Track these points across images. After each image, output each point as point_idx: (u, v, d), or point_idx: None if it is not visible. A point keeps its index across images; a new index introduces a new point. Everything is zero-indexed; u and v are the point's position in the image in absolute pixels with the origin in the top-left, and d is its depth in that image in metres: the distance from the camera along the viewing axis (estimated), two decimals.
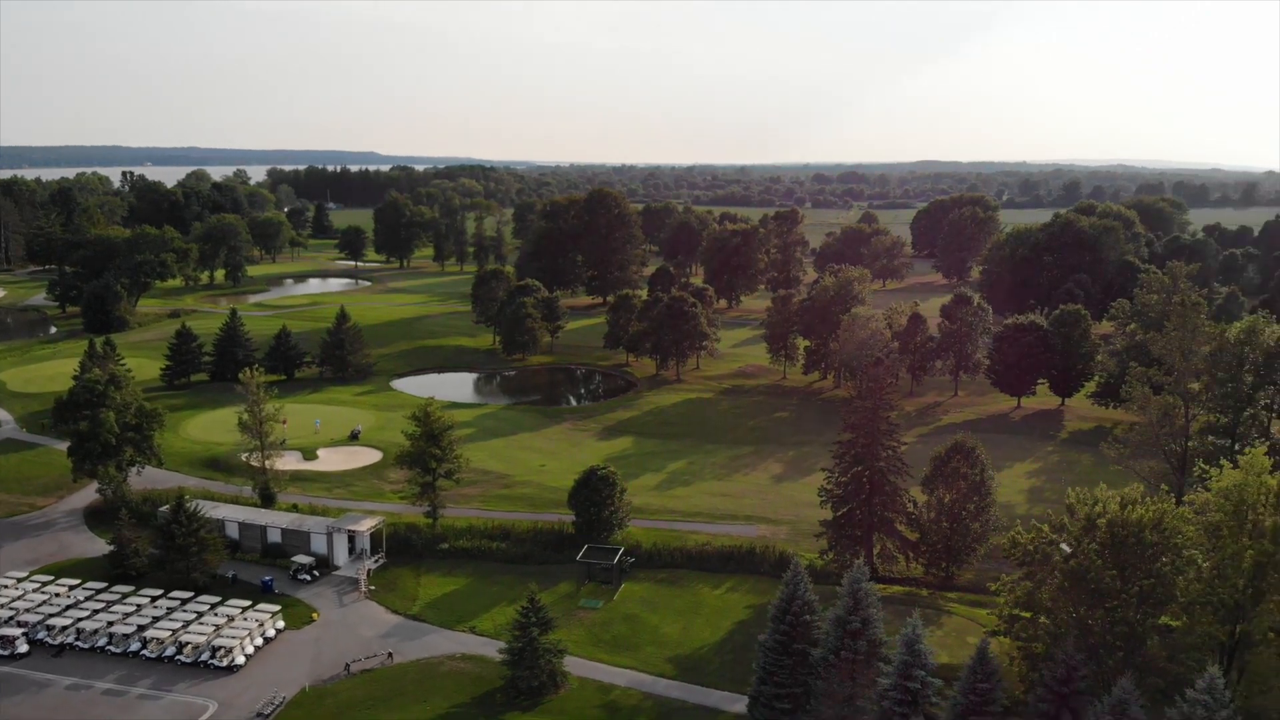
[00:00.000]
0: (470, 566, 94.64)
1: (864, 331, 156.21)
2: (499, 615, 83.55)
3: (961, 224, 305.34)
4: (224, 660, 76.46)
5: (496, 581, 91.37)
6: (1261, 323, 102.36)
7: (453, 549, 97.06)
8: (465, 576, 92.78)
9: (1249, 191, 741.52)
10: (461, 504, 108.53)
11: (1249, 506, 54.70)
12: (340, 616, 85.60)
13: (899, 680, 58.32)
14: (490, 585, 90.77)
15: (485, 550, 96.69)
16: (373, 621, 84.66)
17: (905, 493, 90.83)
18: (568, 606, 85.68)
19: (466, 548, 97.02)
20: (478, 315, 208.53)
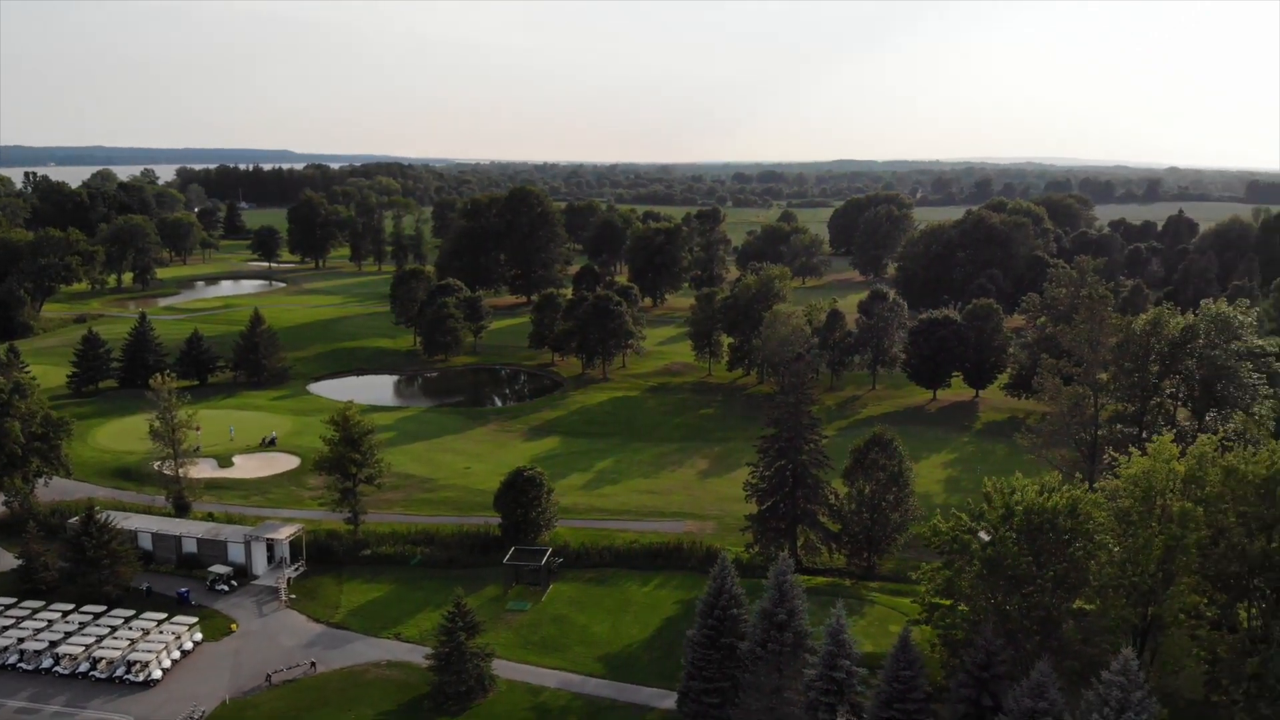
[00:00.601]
0: (394, 572, 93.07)
1: (785, 328, 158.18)
2: (424, 621, 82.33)
3: (877, 222, 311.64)
4: (140, 675, 73.94)
5: (421, 587, 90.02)
6: (1166, 314, 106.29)
7: (375, 555, 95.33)
8: (389, 583, 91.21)
9: (1152, 187, 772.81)
10: (384, 509, 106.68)
11: (1157, 493, 56.83)
12: (260, 627, 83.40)
13: (824, 670, 59.11)
14: (415, 591, 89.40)
15: (410, 555, 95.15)
16: (294, 631, 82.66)
17: (827, 485, 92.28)
18: (495, 609, 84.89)
19: (390, 553, 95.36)
20: (397, 316, 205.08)
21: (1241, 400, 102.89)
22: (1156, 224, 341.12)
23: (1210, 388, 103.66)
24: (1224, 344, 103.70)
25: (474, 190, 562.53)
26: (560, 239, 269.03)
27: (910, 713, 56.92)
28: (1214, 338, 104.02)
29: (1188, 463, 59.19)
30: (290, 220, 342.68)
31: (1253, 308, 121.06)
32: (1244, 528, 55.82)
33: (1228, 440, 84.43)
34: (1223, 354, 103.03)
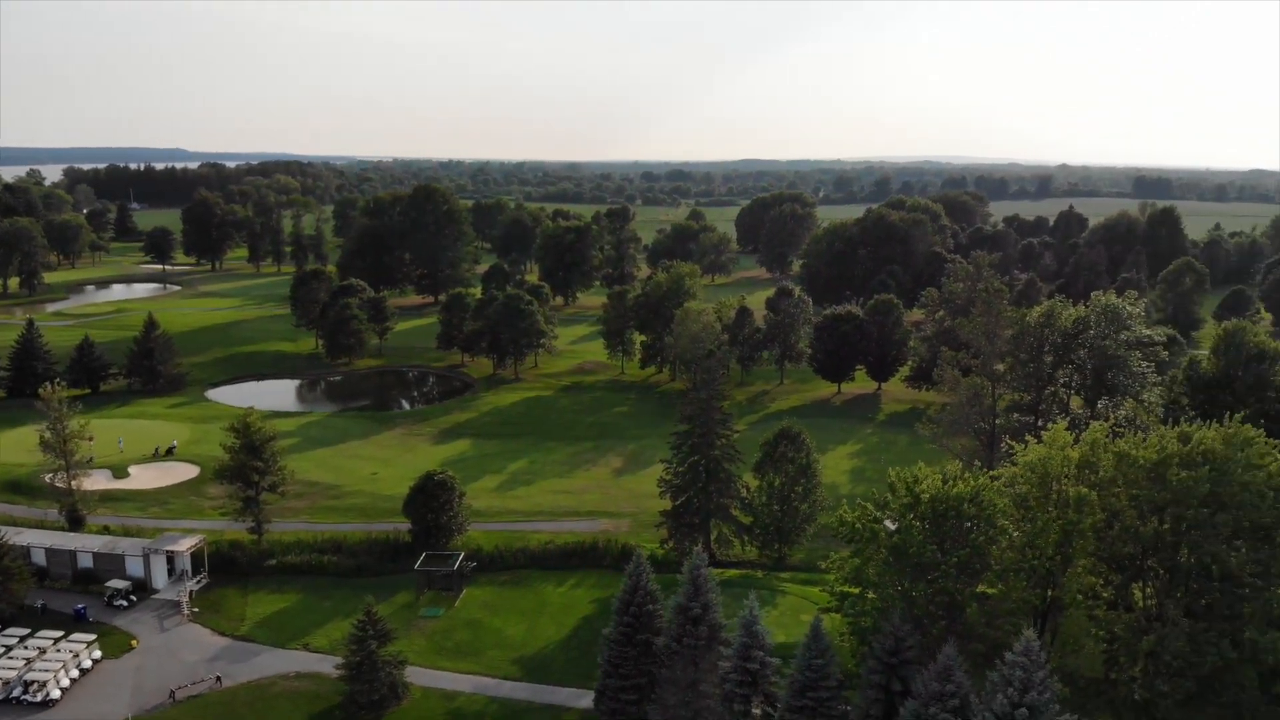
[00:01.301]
0: (301, 582, 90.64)
1: (697, 325, 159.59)
2: (334, 630, 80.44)
3: (782, 220, 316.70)
4: (38, 695, 70.53)
5: (330, 596, 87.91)
6: (1058, 307, 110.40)
7: (281, 565, 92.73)
8: (296, 592, 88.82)
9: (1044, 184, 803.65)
10: (288, 518, 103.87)
11: (1053, 478, 59.00)
12: (162, 642, 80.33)
13: (739, 662, 59.79)
14: (323, 600, 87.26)
15: (316, 564, 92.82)
16: (198, 645, 79.87)
17: (739, 479, 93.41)
18: (407, 616, 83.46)
19: (296, 563, 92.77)
20: (298, 318, 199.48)
21: (1131, 388, 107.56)
22: (1048, 219, 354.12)
23: (1101, 376, 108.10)
24: (1114, 334, 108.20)
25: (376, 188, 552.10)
26: (467, 237, 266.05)
27: (823, 700, 57.95)
28: (1104, 328, 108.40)
29: (1081, 449, 61.57)
30: (185, 221, 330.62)
31: (1141, 299, 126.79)
32: (1136, 510, 58.36)
33: (1119, 427, 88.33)
34: (1113, 344, 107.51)
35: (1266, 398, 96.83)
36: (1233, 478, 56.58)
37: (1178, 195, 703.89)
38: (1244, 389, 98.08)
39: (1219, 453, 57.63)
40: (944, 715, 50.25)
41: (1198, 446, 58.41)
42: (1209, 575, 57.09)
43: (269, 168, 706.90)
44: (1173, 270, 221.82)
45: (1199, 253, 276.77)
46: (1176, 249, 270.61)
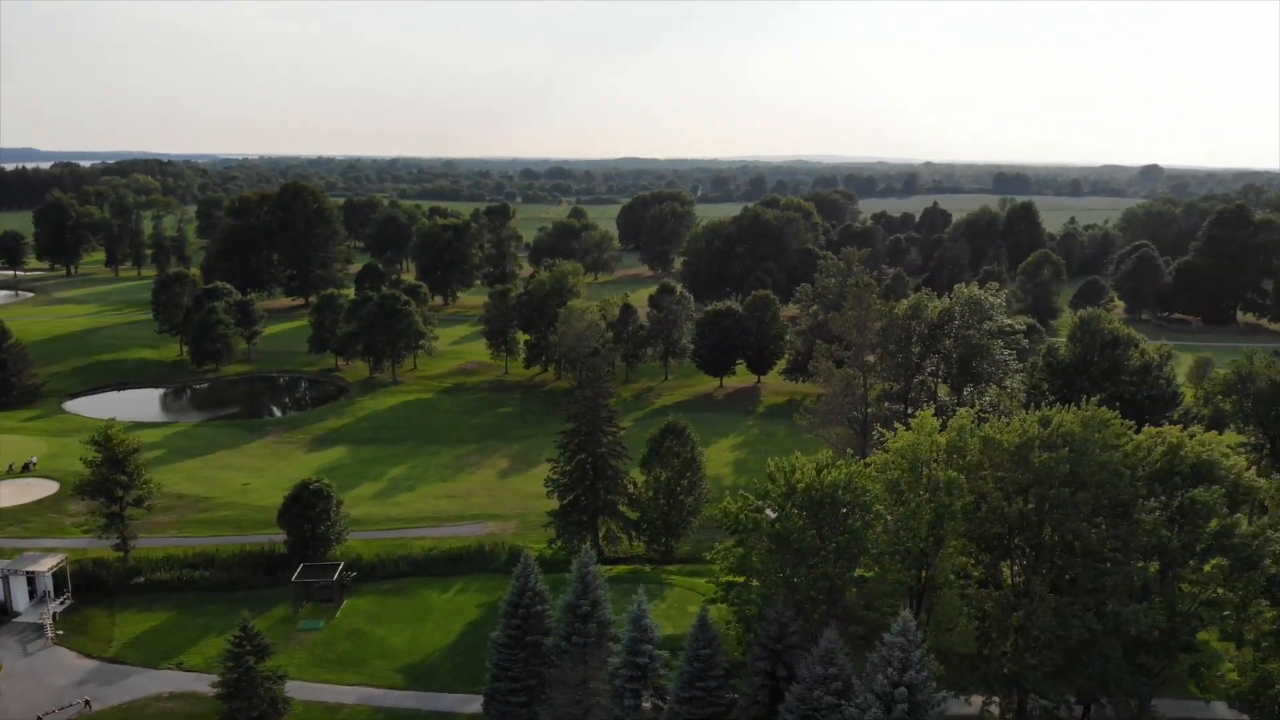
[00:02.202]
0: (172, 599, 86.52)
1: (581, 323, 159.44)
2: (209, 647, 77.08)
3: (662, 218, 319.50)
4: None
5: (203, 612, 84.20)
6: (925, 299, 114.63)
7: (150, 582, 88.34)
8: (167, 610, 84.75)
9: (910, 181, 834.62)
10: (156, 533, 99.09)
11: (923, 463, 61.18)
12: (26, 667, 75.47)
13: (628, 657, 60.03)
14: (197, 617, 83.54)
15: (188, 580, 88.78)
16: (64, 669, 75.34)
17: (626, 475, 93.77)
18: (286, 630, 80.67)
19: (166, 579, 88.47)
20: (161, 324, 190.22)
21: (995, 375, 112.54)
22: (914, 216, 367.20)
23: (966, 365, 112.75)
24: (977, 324, 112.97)
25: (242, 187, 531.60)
26: (339, 236, 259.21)
27: (711, 690, 58.71)
28: (968, 319, 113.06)
29: (949, 435, 64.01)
30: (37, 224, 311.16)
31: (1002, 290, 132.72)
32: (1002, 492, 61.02)
33: (984, 412, 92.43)
34: (976, 333, 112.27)
35: (1121, 381, 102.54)
36: (1091, 458, 59.68)
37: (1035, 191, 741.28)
38: (1099, 373, 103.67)
39: (1077, 435, 60.71)
40: (827, 698, 51.56)
41: (1057, 429, 61.39)
42: (1072, 551, 60.09)
43: (127, 167, 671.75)
44: (1031, 262, 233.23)
45: (1056, 245, 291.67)
46: (1035, 242, 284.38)
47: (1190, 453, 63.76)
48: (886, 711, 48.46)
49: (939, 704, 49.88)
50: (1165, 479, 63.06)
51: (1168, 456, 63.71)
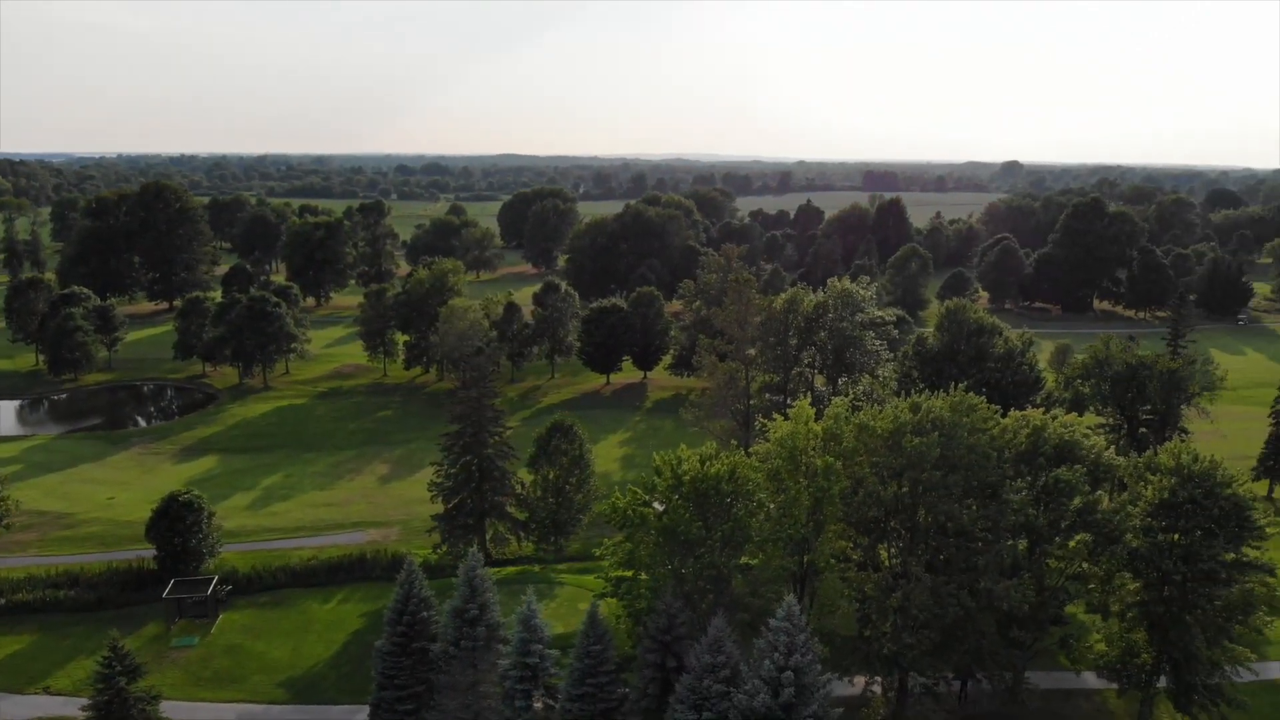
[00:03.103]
0: (35, 621, 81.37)
1: (463, 322, 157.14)
2: (77, 670, 72.83)
3: (545, 215, 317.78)
4: None
5: (70, 634, 79.48)
6: (801, 293, 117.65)
7: (11, 604, 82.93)
8: (30, 633, 79.68)
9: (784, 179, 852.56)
10: (16, 552, 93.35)
11: (801, 451, 62.68)
12: None
13: (518, 658, 59.50)
14: (62, 639, 78.80)
15: (51, 600, 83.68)
16: None
17: (513, 475, 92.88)
18: (159, 648, 76.95)
19: (28, 600, 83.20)
20: (14, 332, 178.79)
21: (867, 365, 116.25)
22: (789, 213, 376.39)
23: (841, 356, 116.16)
24: (850, 317, 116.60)
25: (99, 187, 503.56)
26: (205, 237, 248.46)
27: (602, 685, 58.73)
28: (842, 312, 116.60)
29: (826, 423, 65.70)
30: None
31: (873, 283, 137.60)
32: (877, 476, 63.01)
33: (858, 401, 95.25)
34: (850, 325, 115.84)
35: (986, 368, 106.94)
36: (960, 441, 62.20)
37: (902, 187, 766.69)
38: (966, 361, 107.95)
39: (947, 420, 63.16)
40: (717, 686, 52.23)
41: (928, 415, 63.72)
42: (945, 532, 62.45)
43: None
44: (900, 256, 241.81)
45: (923, 239, 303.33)
46: (903, 236, 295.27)
47: (1053, 434, 67.17)
48: (774, 696, 49.38)
49: (824, 686, 51.12)
50: (1030, 460, 66.25)
51: (1032, 438, 66.96)
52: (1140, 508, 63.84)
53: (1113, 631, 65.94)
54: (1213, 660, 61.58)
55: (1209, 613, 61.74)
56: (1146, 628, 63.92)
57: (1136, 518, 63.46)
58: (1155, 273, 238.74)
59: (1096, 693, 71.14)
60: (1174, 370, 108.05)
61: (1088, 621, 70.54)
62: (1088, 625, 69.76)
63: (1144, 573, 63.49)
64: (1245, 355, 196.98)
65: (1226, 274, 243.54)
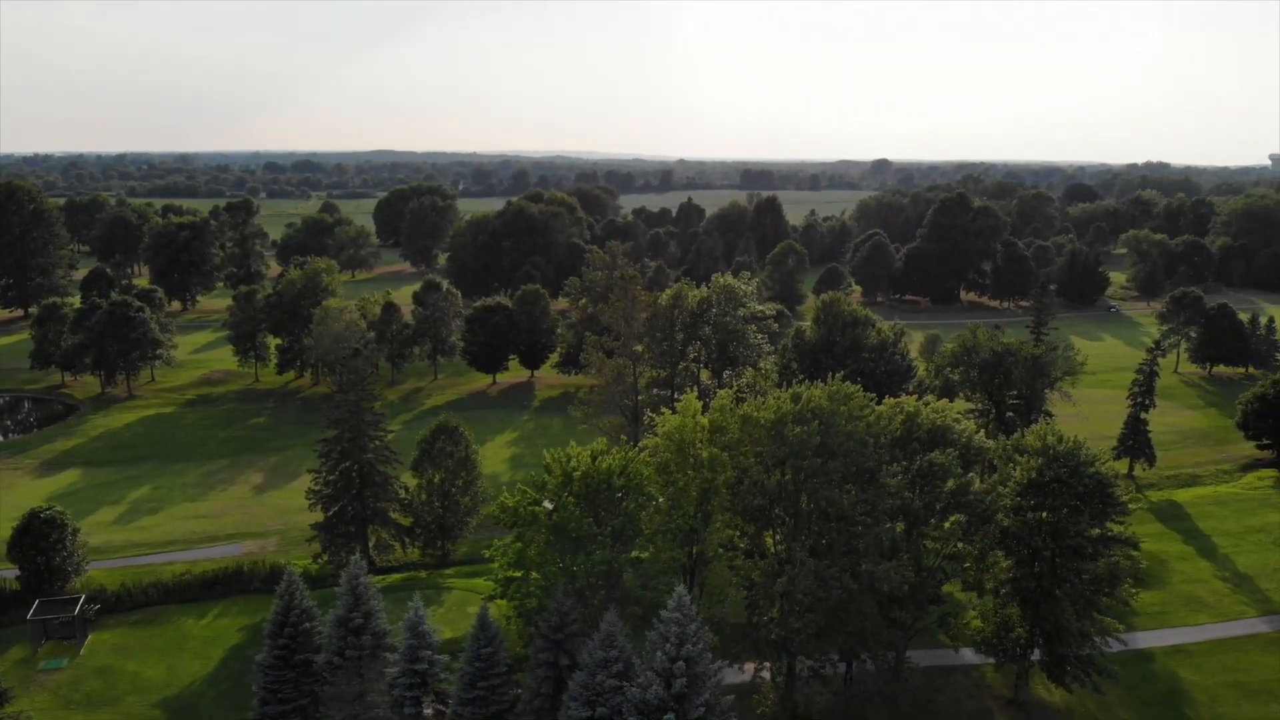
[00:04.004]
0: None
1: (338, 324, 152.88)
2: None
3: (423, 212, 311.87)
4: None
5: None
6: (685, 289, 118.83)
7: None
8: None
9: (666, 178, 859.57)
10: None
11: (688, 444, 63.42)
12: None
13: (406, 665, 58.34)
14: None
15: None
16: None
17: (396, 480, 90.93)
18: (25, 673, 72.50)
19: None
20: None
21: (750, 358, 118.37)
22: (671, 210, 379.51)
23: (725, 349, 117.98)
24: (733, 311, 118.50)
25: None
26: (61, 240, 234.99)
27: (494, 688, 58.16)
28: (724, 307, 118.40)
29: (711, 415, 66.70)
30: None
31: (753, 279, 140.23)
32: (762, 465, 64.25)
33: (742, 393, 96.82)
34: (733, 320, 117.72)
35: (861, 358, 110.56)
36: (839, 429, 63.95)
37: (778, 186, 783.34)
38: (842, 351, 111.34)
39: (826, 408, 64.86)
40: (610, 680, 52.30)
41: (808, 404, 65.33)
42: (827, 517, 64.10)
43: None
44: (778, 252, 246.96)
45: (798, 236, 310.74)
46: (780, 233, 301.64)
47: (926, 420, 69.73)
48: (667, 687, 49.74)
49: (715, 674, 51.77)
50: (905, 445, 68.63)
51: (906, 424, 69.38)
52: (1010, 488, 66.91)
53: (988, 608, 68.93)
54: (1083, 632, 65.03)
55: (1077, 586, 65.13)
56: (1019, 603, 67.03)
57: (1007, 498, 66.46)
58: (1018, 264, 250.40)
59: (975, 668, 74.27)
60: (1037, 356, 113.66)
61: (964, 599, 73.47)
62: (964, 603, 72.64)
63: (1015, 550, 66.58)
64: (1104, 341, 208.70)
65: (1084, 264, 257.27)
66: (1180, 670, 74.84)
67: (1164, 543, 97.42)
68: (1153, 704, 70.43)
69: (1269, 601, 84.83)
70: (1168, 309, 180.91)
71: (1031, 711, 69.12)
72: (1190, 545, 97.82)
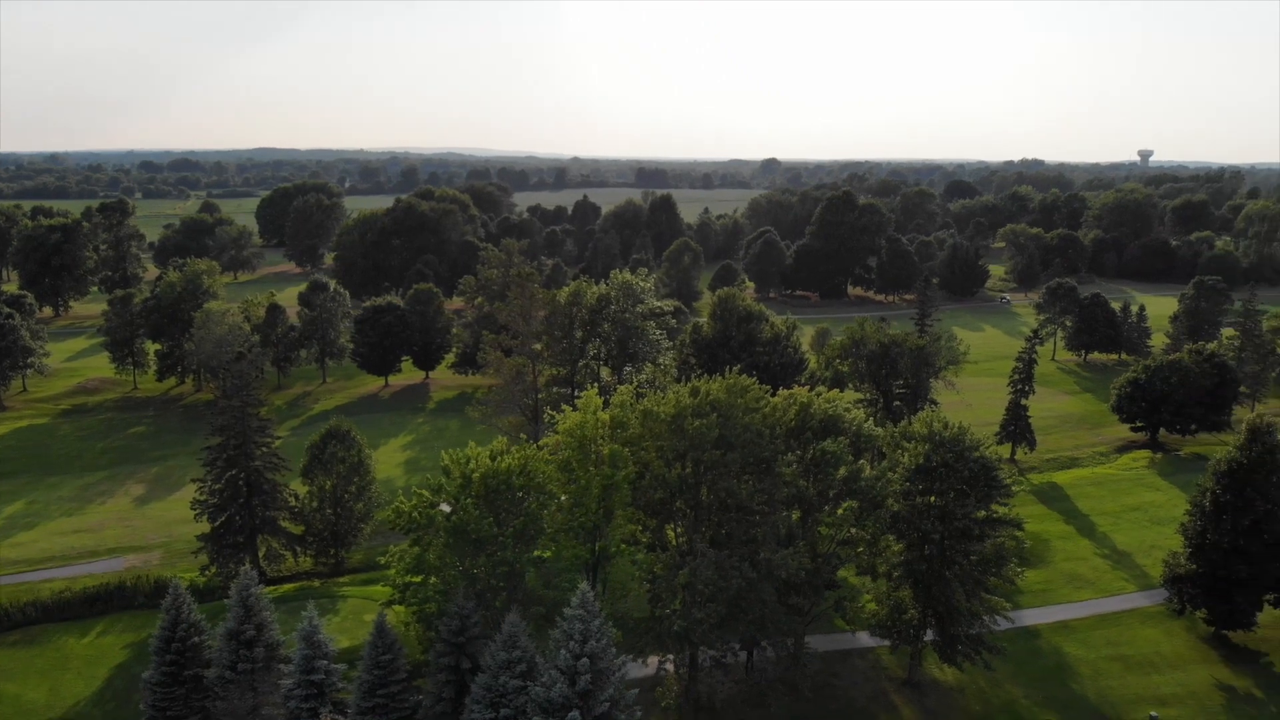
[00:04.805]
0: None
1: (221, 327, 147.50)
2: None
3: (308, 211, 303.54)
4: None
5: None
6: (584, 287, 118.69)
7: None
8: None
9: (560, 175, 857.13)
10: None
11: (590, 441, 63.35)
12: None
13: (301, 676, 56.76)
14: None
15: None
16: None
17: (286, 487, 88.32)
18: None
19: None
20: None
21: (649, 354, 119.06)
22: (567, 208, 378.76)
23: (624, 346, 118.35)
24: (632, 308, 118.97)
25: None
26: None
27: (393, 695, 57.04)
28: (623, 303, 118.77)
29: (612, 411, 66.76)
30: None
31: (650, 275, 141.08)
32: (662, 460, 64.63)
33: (642, 388, 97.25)
34: (632, 316, 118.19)
35: (756, 352, 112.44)
36: (736, 421, 64.81)
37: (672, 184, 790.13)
38: (738, 346, 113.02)
39: (723, 401, 65.64)
40: (513, 681, 51.85)
41: (706, 398, 66.00)
42: (726, 508, 64.89)
43: None
44: (674, 250, 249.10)
45: (693, 233, 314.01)
46: (675, 231, 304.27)
47: (818, 410, 71.31)
48: (571, 685, 49.57)
49: (619, 669, 51.83)
50: (799, 434, 70.12)
51: (800, 414, 70.84)
52: (899, 474, 68.95)
53: (881, 591, 70.90)
54: (972, 611, 67.50)
55: (966, 567, 67.56)
56: (911, 585, 69.13)
57: (896, 483, 68.48)
58: (902, 259, 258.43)
59: (870, 650, 76.34)
60: (922, 347, 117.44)
61: (859, 584, 75.44)
62: (859, 588, 74.58)
63: (906, 534, 68.67)
64: (984, 331, 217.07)
65: (965, 258, 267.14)
66: (1065, 645, 78.33)
67: (1046, 523, 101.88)
68: (1040, 678, 73.53)
69: (1147, 576, 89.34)
70: (1044, 300, 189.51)
71: (926, 691, 71.39)
72: (1071, 525, 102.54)
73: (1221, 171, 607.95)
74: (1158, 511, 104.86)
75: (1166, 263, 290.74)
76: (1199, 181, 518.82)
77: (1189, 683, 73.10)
